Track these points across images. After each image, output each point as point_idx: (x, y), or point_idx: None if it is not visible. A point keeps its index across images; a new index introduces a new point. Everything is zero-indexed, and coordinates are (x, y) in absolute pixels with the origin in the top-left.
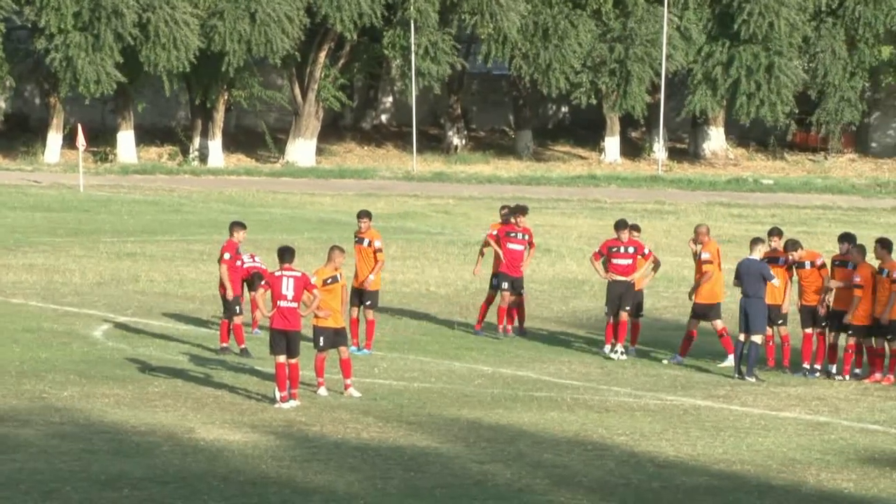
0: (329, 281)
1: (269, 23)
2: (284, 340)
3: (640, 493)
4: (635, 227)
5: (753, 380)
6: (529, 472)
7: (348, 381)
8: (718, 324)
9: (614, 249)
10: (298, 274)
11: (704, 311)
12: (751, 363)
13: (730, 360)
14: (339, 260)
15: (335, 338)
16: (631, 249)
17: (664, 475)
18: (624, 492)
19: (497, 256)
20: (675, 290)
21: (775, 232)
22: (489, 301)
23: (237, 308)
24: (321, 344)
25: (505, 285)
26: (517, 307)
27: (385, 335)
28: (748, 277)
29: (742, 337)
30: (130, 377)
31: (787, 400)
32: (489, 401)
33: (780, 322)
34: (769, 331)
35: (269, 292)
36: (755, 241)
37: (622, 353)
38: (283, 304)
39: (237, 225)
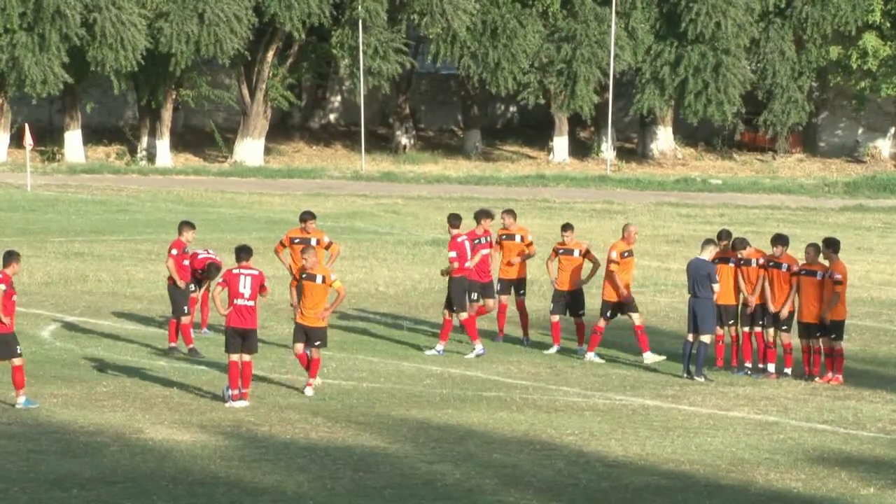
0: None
1: (217, 23)
2: (240, 339)
3: (588, 493)
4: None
5: (702, 380)
6: (478, 472)
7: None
8: (636, 318)
9: (477, 241)
10: (256, 272)
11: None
12: (699, 363)
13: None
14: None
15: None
16: (486, 240)
17: (613, 475)
18: (573, 492)
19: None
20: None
21: (725, 235)
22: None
23: (185, 308)
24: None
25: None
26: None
27: (334, 335)
28: (696, 278)
29: (690, 337)
30: (79, 377)
31: (736, 400)
32: (438, 401)
33: (731, 322)
34: (720, 331)
35: (225, 290)
36: (706, 242)
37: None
38: (239, 301)
39: (186, 224)
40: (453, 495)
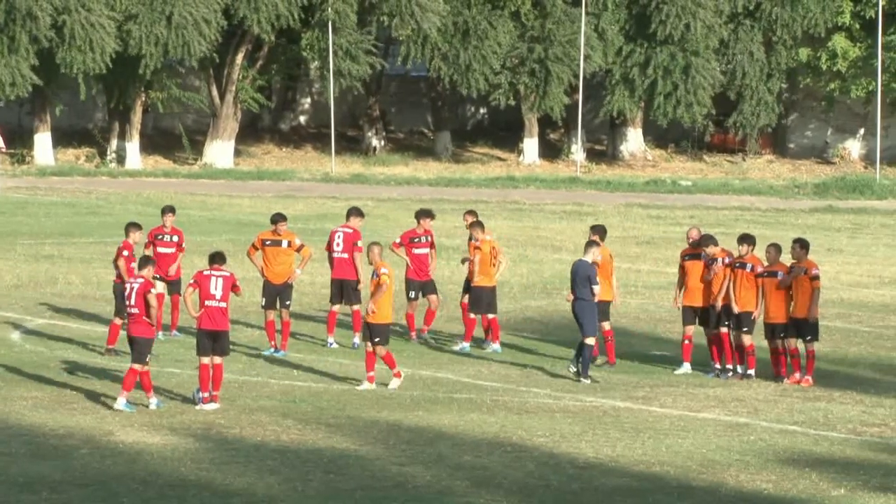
0: None
1: (185, 25)
2: (211, 341)
3: (559, 494)
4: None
5: (588, 381)
6: (449, 474)
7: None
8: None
9: (415, 240)
10: (227, 273)
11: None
12: (585, 364)
13: (686, 368)
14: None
15: None
16: (426, 239)
17: (584, 477)
18: (543, 493)
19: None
20: None
21: (710, 237)
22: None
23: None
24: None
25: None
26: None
27: (305, 337)
28: (577, 280)
29: (590, 340)
30: (48, 380)
31: (706, 401)
32: (409, 403)
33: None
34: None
35: (196, 292)
36: (589, 244)
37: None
38: (211, 303)
39: (133, 225)
40: (424, 497)
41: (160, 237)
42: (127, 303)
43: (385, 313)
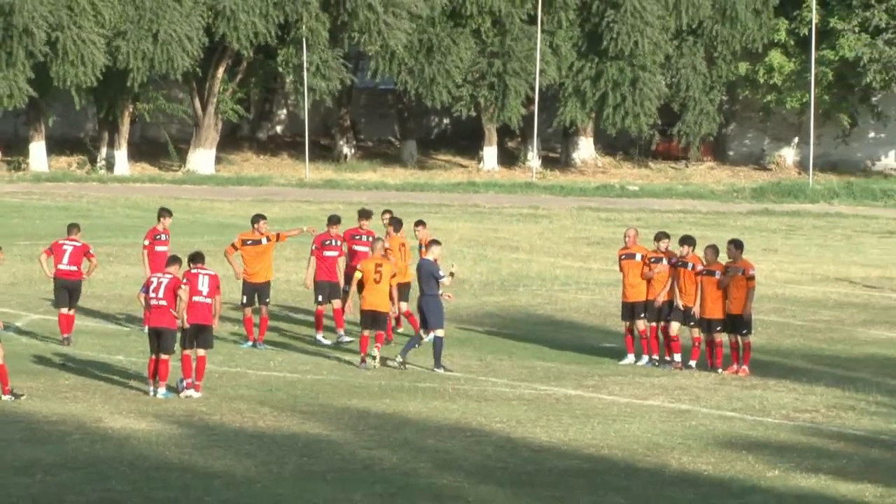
0: None
1: (170, 42)
2: (197, 334)
3: (516, 476)
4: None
5: (442, 371)
6: (414, 457)
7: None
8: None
9: (326, 242)
10: (212, 272)
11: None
12: (437, 355)
13: (630, 358)
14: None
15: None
16: (338, 242)
17: (538, 459)
18: (501, 475)
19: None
20: (549, 289)
21: (663, 236)
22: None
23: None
24: None
25: (320, 297)
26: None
27: (283, 332)
28: (423, 277)
29: (423, 333)
30: (42, 371)
31: (652, 389)
32: (377, 391)
33: (642, 315)
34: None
35: (187, 289)
36: (431, 244)
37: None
38: (198, 299)
39: (73, 226)
40: (391, 478)
41: (158, 237)
42: (154, 295)
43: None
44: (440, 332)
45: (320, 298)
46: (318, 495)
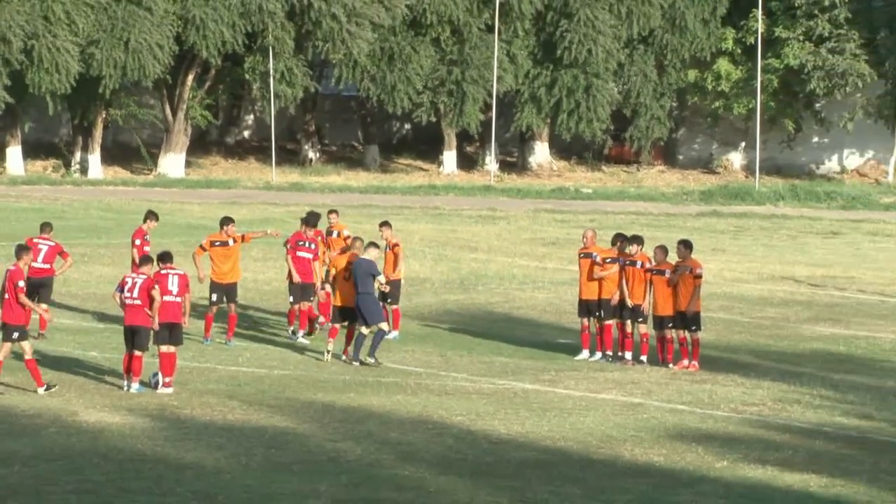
0: None
1: (141, 50)
2: (167, 332)
3: (476, 466)
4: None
5: (373, 361)
6: (377, 449)
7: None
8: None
9: (300, 243)
10: (182, 272)
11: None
12: (375, 344)
13: (584, 354)
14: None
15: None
16: (312, 245)
17: (497, 451)
18: (461, 466)
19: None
20: (506, 287)
21: (625, 237)
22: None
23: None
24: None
25: (291, 298)
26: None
27: (251, 329)
28: (360, 276)
29: (364, 329)
30: (20, 366)
31: (605, 383)
32: (341, 386)
33: (598, 314)
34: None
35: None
36: (369, 245)
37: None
38: (168, 298)
39: (46, 225)
40: (355, 469)
41: (147, 237)
42: (128, 295)
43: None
44: (384, 326)
45: (291, 300)
46: (285, 486)
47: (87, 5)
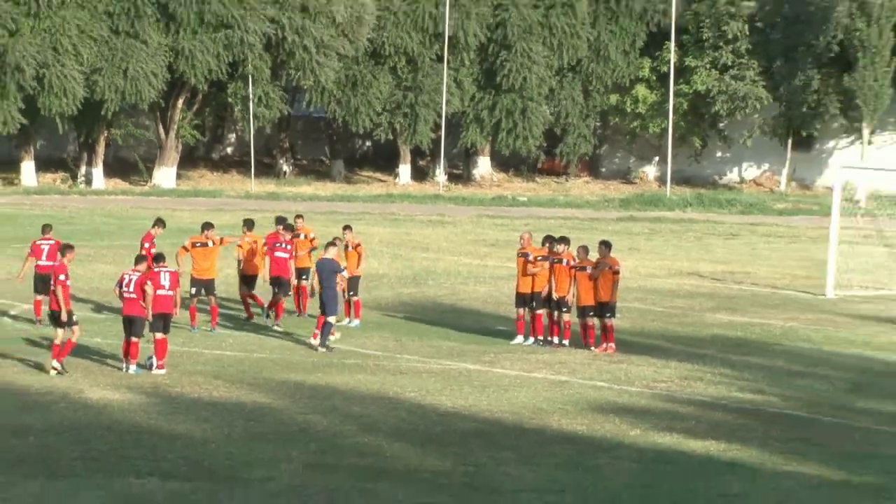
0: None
1: (138, 77)
2: (161, 321)
3: (426, 436)
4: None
5: (325, 350)
6: (341, 421)
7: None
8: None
9: (277, 244)
10: (172, 269)
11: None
12: (324, 336)
13: (519, 339)
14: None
15: None
16: (289, 246)
17: (444, 422)
18: (413, 435)
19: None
20: (453, 282)
21: (554, 238)
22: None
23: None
24: None
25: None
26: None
27: (234, 320)
28: (324, 273)
29: (332, 319)
30: (33, 351)
31: (537, 364)
32: (310, 367)
33: (531, 304)
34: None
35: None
36: (328, 245)
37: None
38: (161, 292)
39: (47, 226)
40: (322, 439)
41: (154, 241)
42: (126, 290)
43: None
44: (332, 319)
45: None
46: (262, 453)
47: (91, 38)
